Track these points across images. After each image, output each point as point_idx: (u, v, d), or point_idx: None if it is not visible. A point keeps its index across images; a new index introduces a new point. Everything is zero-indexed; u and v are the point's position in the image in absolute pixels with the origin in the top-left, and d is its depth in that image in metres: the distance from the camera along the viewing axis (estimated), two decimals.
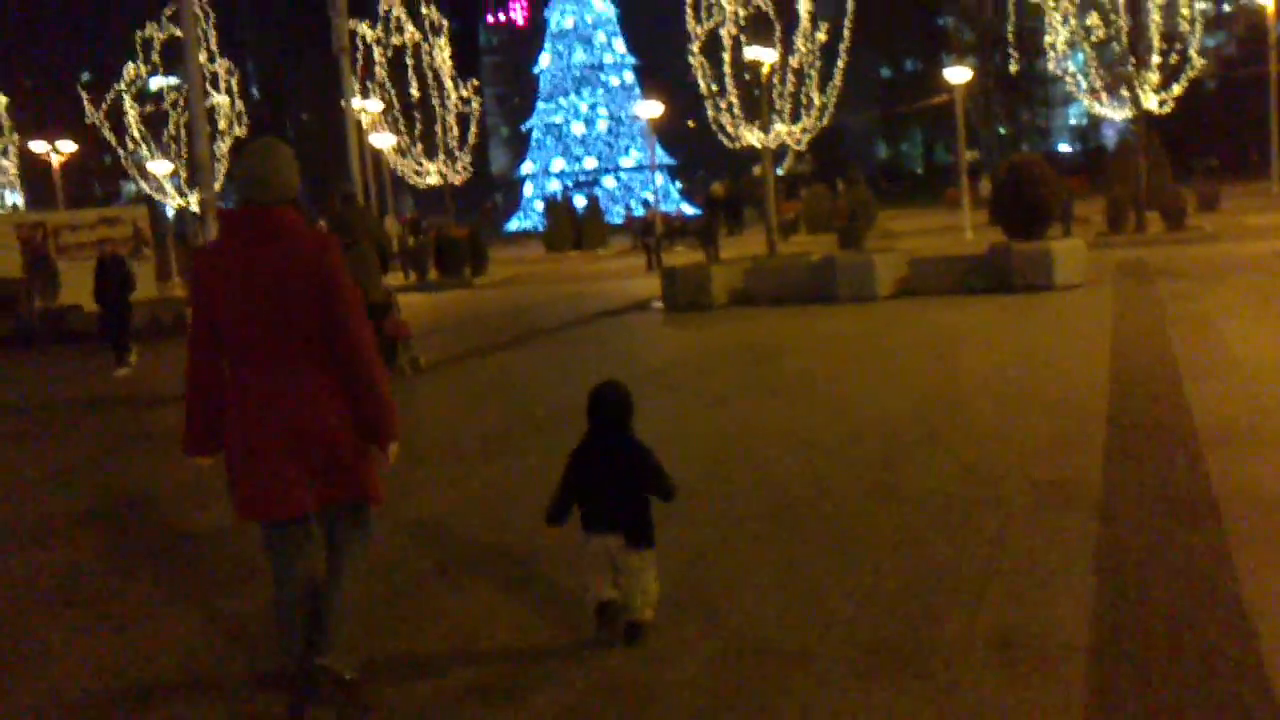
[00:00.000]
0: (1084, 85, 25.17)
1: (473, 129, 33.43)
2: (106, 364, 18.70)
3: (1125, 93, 24.85)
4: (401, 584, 5.89)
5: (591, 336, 16.25)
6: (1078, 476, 6.77)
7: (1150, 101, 24.62)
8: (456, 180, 33.82)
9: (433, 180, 33.27)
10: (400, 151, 32.99)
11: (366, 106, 34.31)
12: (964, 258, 18.20)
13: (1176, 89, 24.41)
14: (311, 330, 4.13)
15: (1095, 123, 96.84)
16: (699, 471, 7.61)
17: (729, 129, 27.98)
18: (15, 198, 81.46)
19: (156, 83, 34.78)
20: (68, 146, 47.77)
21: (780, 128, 27.63)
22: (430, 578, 5.99)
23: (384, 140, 33.47)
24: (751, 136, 27.67)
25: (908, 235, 30.20)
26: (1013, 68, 41.43)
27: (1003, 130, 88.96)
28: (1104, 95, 24.89)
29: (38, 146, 48.20)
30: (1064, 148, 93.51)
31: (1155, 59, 23.94)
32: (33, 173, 58.41)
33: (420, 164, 33.14)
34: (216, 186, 33.27)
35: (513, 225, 71.98)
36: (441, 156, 33.21)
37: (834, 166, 71.63)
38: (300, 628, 4.25)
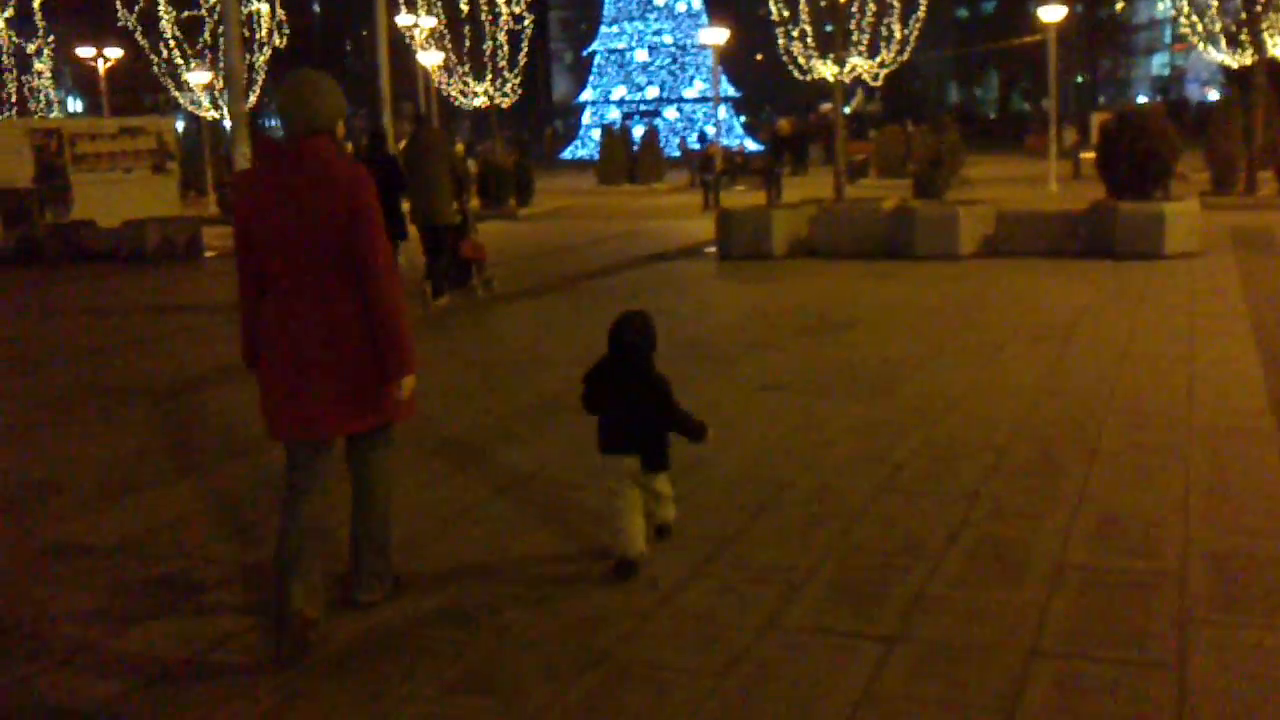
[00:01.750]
0: (1198, 28, 22.61)
1: (524, 48, 31.26)
2: (116, 284, 17.21)
3: (1244, 37, 22.31)
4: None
5: (631, 287, 14.35)
6: None
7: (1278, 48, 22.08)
8: (505, 103, 31.72)
9: (480, 102, 31.19)
10: (446, 70, 30.91)
11: (419, 22, 32.34)
12: (1060, 215, 16.06)
13: None
14: (338, 258, 4.18)
15: (1178, 74, 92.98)
16: (737, 496, 5.79)
17: (800, 60, 25.69)
18: (76, 104, 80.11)
19: None
20: (115, 53, 46.15)
21: (856, 61, 25.33)
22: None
23: (430, 58, 31.43)
24: (824, 69, 25.39)
25: (986, 184, 27.80)
26: (1119, 5, 38.34)
27: (1079, 79, 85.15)
28: (1222, 40, 22.36)
29: (84, 52, 46.62)
30: (1142, 99, 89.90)
31: None
32: (89, 81, 57.15)
33: (467, 84, 31.05)
34: (252, 99, 31.58)
35: (568, 154, 69.66)
36: (489, 77, 31.10)
37: (904, 107, 68.64)
38: (292, 560, 4.25)
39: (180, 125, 51.70)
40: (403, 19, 32.12)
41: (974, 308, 11.55)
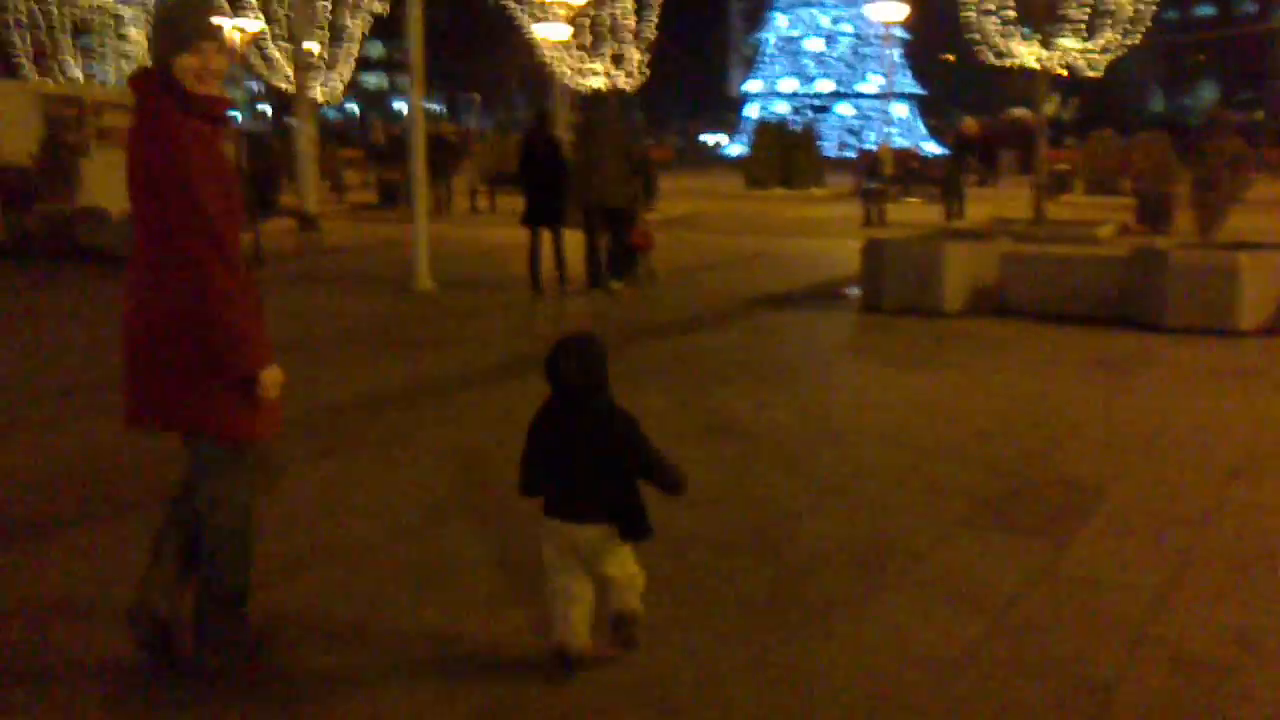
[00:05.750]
0: None
1: (652, 18, 26.10)
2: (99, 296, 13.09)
3: None
4: None
5: (699, 365, 9.30)
6: None
7: None
8: (627, 85, 26.72)
9: (598, 83, 26.30)
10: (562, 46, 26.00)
11: None
12: None
13: None
14: (158, 224, 3.51)
15: None
16: None
17: (994, 40, 20.13)
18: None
19: None
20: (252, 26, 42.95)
21: (1067, 42, 19.63)
22: None
23: (555, 31, 26.62)
24: (1025, 52, 19.82)
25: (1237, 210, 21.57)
26: None
27: None
28: None
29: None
30: None
31: None
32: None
33: (582, 60, 26.10)
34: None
35: (733, 150, 64.45)
36: (608, 53, 26.07)
37: (1100, 115, 61.13)
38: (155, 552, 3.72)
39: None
40: None
41: None
